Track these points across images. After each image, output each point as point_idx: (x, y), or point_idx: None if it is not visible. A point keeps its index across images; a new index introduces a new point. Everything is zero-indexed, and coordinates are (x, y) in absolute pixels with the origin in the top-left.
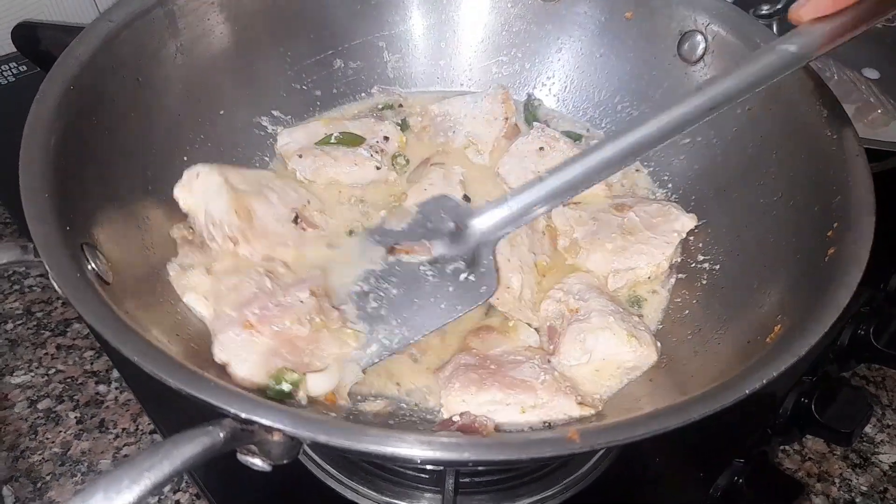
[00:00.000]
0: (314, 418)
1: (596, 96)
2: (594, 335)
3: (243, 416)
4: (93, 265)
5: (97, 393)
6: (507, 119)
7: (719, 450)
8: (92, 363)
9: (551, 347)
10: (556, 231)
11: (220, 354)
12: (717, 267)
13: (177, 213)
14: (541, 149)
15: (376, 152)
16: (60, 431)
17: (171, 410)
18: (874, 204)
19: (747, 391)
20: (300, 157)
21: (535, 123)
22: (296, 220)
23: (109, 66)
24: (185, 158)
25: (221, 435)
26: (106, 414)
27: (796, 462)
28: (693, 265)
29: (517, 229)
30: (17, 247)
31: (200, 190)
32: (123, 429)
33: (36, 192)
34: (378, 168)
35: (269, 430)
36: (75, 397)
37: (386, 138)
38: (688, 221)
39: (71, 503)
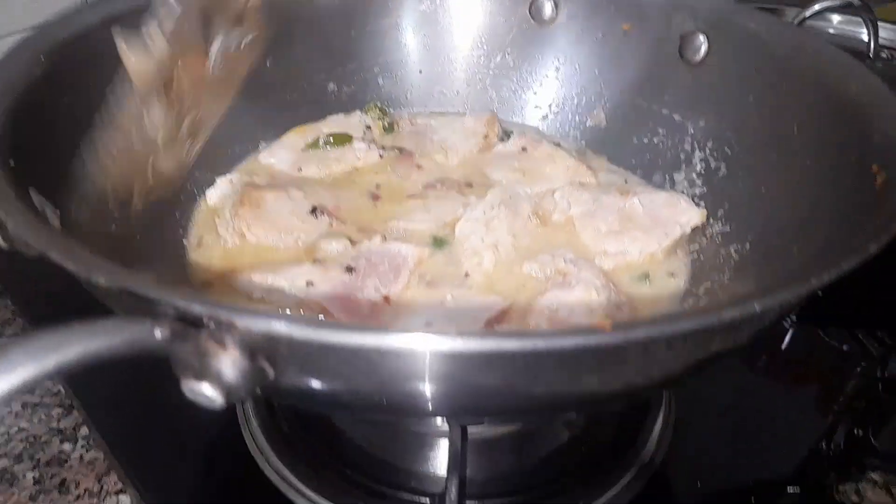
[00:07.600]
0: (271, 311)
1: (594, 115)
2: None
3: (184, 307)
4: (40, 208)
5: (61, 451)
6: (486, 137)
7: (771, 477)
8: (59, 420)
9: None
10: (554, 207)
11: None
12: (747, 246)
13: None
14: (523, 149)
15: (371, 142)
16: (14, 493)
17: (148, 466)
18: None
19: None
20: (300, 169)
21: (513, 131)
22: (314, 212)
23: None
24: None
25: (158, 333)
26: (68, 474)
27: None
28: (717, 252)
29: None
30: None
31: (227, 193)
32: (86, 489)
33: None
34: (381, 156)
35: (219, 326)
36: (36, 456)
37: (368, 127)
38: (695, 216)
39: None
